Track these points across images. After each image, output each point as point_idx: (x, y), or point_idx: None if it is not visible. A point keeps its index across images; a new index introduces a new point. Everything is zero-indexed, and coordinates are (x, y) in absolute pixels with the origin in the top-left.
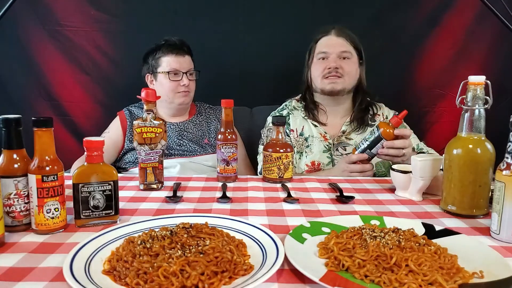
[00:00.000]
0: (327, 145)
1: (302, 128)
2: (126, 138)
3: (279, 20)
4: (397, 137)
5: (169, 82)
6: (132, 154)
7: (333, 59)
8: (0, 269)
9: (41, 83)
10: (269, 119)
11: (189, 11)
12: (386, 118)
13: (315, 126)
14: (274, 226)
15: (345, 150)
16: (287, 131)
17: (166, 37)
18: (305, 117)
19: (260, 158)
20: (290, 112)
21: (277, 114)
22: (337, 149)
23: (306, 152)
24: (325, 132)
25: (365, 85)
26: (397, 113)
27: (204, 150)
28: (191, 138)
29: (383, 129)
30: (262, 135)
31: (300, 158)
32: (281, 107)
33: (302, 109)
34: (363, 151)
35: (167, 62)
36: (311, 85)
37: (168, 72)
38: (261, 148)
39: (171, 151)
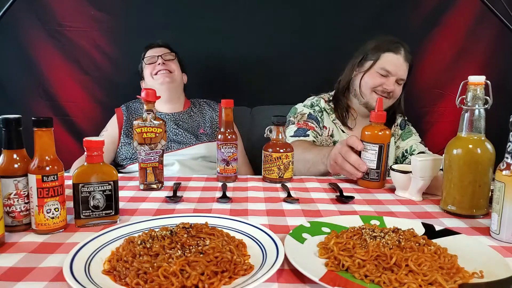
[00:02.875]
0: None
1: (332, 131)
2: (122, 133)
3: (279, 20)
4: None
5: (147, 68)
6: (128, 150)
7: (392, 82)
8: (0, 269)
9: (41, 83)
10: (305, 109)
11: (189, 11)
12: (397, 124)
13: (343, 132)
14: (274, 226)
15: None
16: (321, 127)
17: None
18: (334, 121)
19: (291, 129)
20: (322, 110)
21: (311, 108)
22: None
23: None
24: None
25: (402, 104)
26: (421, 141)
27: (200, 140)
28: (186, 127)
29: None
30: (289, 120)
31: None
32: (309, 103)
33: (331, 112)
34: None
35: (145, 58)
36: (354, 89)
37: (143, 60)
38: (292, 127)
39: (167, 143)
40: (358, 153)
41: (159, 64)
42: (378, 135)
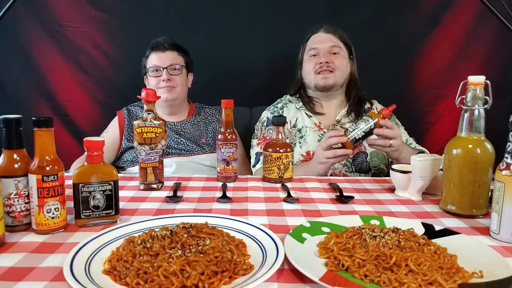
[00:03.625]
0: (322, 135)
1: (296, 120)
2: (123, 137)
3: (278, 20)
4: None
5: (152, 79)
6: (130, 153)
7: (324, 54)
8: (0, 269)
9: (41, 83)
10: (264, 113)
11: (189, 11)
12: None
13: (309, 116)
14: (274, 226)
15: None
16: None
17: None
18: (300, 108)
19: (253, 152)
20: (284, 105)
21: (272, 108)
22: None
23: (300, 143)
24: (319, 122)
25: (357, 80)
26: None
27: (202, 149)
28: (188, 137)
29: (378, 119)
30: (255, 129)
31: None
32: (275, 102)
33: (297, 101)
34: (356, 141)
35: (150, 60)
36: (304, 82)
37: (148, 69)
38: (254, 142)
39: (168, 150)
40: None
41: (163, 80)
42: (375, 113)
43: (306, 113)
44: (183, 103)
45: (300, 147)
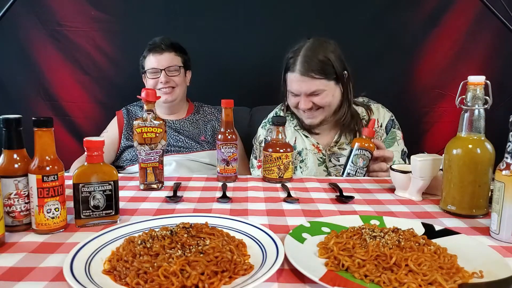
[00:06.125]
0: (321, 158)
1: (295, 141)
2: (122, 136)
3: (279, 20)
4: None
5: (150, 80)
6: (129, 152)
7: (304, 101)
8: (0, 269)
9: (41, 83)
10: (260, 131)
11: (189, 11)
12: (381, 125)
13: (306, 137)
14: (274, 226)
15: (339, 161)
16: None
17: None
18: (296, 128)
19: (254, 172)
20: None
21: (267, 127)
22: (330, 160)
23: (301, 167)
24: (317, 142)
25: (350, 100)
26: (393, 117)
27: (201, 146)
28: (187, 135)
29: (369, 144)
30: (254, 147)
31: (295, 173)
32: (271, 115)
33: (291, 119)
34: (352, 173)
35: (147, 61)
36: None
37: (146, 71)
38: (255, 162)
39: (168, 148)
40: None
41: (161, 82)
42: (362, 139)
43: (303, 134)
44: (182, 103)
45: (301, 172)
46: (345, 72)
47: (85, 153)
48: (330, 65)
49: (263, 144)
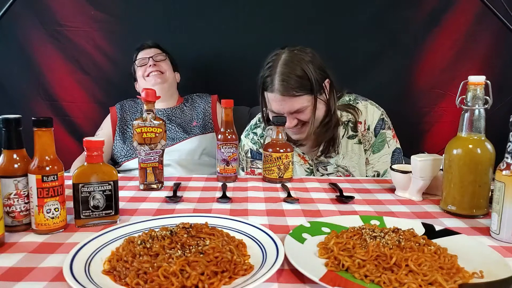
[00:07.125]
0: (308, 168)
1: None
2: (116, 131)
3: (279, 20)
4: None
5: (139, 70)
6: (123, 148)
7: (289, 119)
8: (0, 269)
9: (41, 83)
10: (244, 141)
11: (189, 11)
12: (368, 128)
13: (294, 145)
14: (274, 226)
15: (326, 170)
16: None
17: None
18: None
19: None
20: (264, 133)
21: (251, 136)
22: (317, 170)
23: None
24: (302, 153)
25: (334, 110)
26: (384, 114)
27: (189, 135)
28: (179, 122)
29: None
30: (240, 158)
31: None
32: (253, 124)
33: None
34: None
35: (137, 59)
36: None
37: (136, 66)
38: (242, 174)
39: None
40: None
41: (150, 66)
42: None
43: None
44: (173, 91)
45: None
46: (327, 79)
47: (85, 152)
48: (310, 79)
49: (249, 155)
